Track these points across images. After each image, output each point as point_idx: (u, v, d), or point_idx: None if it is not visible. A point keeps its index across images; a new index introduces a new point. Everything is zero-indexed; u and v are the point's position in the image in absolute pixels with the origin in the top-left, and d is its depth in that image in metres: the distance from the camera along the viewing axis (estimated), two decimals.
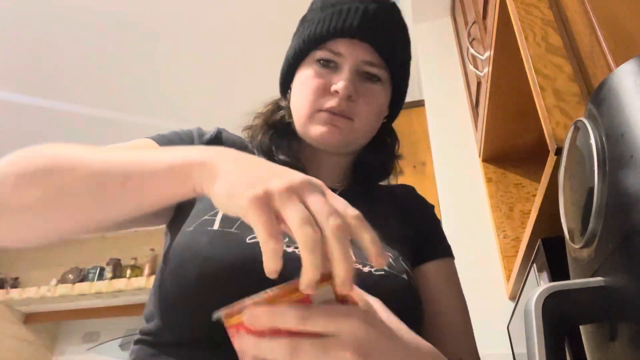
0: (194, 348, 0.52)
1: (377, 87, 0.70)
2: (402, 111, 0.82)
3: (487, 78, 1.30)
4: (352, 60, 0.68)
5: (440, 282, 0.69)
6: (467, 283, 1.55)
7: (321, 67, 0.69)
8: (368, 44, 0.68)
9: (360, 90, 0.68)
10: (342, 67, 0.68)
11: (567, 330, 0.41)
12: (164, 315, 0.55)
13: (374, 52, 0.69)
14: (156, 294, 0.57)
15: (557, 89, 0.77)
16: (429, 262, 0.70)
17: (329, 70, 0.68)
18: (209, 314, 0.49)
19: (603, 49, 0.66)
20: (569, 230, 0.47)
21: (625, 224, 0.36)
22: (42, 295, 3.41)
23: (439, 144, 1.84)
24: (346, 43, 0.68)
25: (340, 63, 0.68)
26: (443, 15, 2.07)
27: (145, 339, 0.57)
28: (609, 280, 0.38)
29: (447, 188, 1.73)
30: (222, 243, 0.55)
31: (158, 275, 0.58)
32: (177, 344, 0.53)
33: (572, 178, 0.47)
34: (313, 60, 0.70)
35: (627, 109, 0.38)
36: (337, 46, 0.68)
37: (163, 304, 0.56)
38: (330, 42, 0.68)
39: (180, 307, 0.53)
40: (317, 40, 0.69)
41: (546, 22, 0.85)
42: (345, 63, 0.68)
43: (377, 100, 0.70)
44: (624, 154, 0.37)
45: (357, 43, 0.68)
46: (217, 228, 0.57)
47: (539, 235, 0.97)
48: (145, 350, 0.55)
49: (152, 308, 0.58)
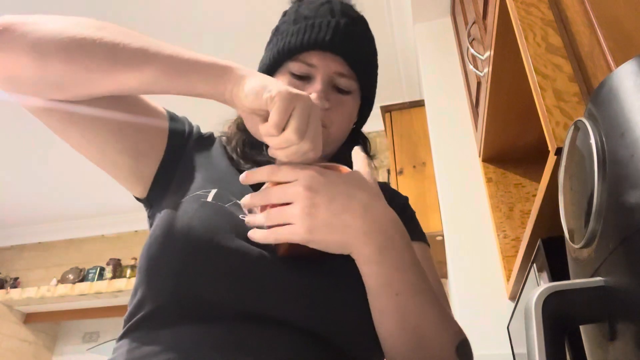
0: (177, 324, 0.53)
1: (348, 98, 0.73)
2: (402, 111, 0.83)
3: (487, 78, 1.30)
4: (325, 72, 0.70)
5: None
6: (467, 283, 1.56)
7: (295, 78, 0.71)
8: (340, 56, 0.71)
9: (332, 101, 0.70)
10: (315, 79, 0.70)
11: (567, 330, 0.41)
12: (149, 280, 0.56)
13: (344, 63, 0.71)
14: (143, 259, 0.58)
15: (557, 89, 0.77)
16: None
17: (302, 82, 0.71)
18: (192, 280, 0.54)
19: (603, 49, 0.66)
20: (569, 230, 0.47)
21: (625, 224, 0.36)
22: (42, 295, 3.41)
23: (439, 144, 1.84)
24: (319, 55, 0.70)
25: (313, 74, 0.71)
26: (443, 15, 2.07)
27: (127, 330, 0.57)
28: (609, 280, 0.38)
29: (447, 188, 1.73)
30: (215, 213, 0.59)
31: (147, 241, 0.59)
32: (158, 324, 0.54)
33: (572, 178, 0.47)
34: (287, 71, 0.72)
35: (627, 109, 0.38)
36: (310, 58, 0.70)
37: (149, 267, 0.56)
38: (304, 54, 0.71)
39: (165, 270, 0.55)
40: (291, 52, 0.71)
41: (546, 22, 0.85)
42: (318, 74, 0.70)
43: (348, 110, 0.73)
44: (624, 154, 0.37)
45: (329, 55, 0.70)
46: (211, 200, 0.61)
47: (539, 235, 0.97)
48: (127, 345, 0.55)
49: (138, 281, 0.59)
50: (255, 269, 0.55)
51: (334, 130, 0.71)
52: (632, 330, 0.35)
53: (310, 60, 0.71)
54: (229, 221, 0.58)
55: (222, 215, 0.59)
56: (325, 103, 0.69)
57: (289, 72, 0.72)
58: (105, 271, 3.49)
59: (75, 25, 0.54)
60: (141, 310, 0.56)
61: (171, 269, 0.54)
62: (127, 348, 0.54)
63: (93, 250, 3.80)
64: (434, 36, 2.07)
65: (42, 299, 3.45)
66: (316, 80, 0.70)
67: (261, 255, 0.56)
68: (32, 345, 3.71)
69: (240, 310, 0.53)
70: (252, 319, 0.53)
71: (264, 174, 0.54)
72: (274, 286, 0.55)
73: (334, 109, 0.70)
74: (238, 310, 0.53)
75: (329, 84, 0.71)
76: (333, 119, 0.70)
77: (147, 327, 0.55)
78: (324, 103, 0.68)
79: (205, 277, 0.54)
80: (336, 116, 0.71)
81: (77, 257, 3.79)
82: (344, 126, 0.73)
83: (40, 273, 3.84)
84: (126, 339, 0.56)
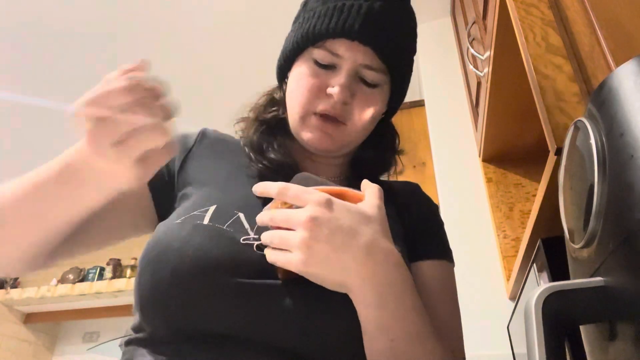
0: (178, 344, 0.52)
1: (374, 91, 0.68)
2: (402, 111, 0.81)
3: (487, 78, 1.30)
4: (351, 64, 0.65)
5: (432, 283, 0.65)
6: (467, 283, 1.56)
7: (318, 66, 0.66)
8: (369, 47, 0.65)
9: (356, 94, 0.66)
10: (339, 69, 0.66)
11: (567, 330, 0.41)
12: (142, 309, 0.55)
13: (374, 56, 0.65)
14: (135, 287, 0.56)
15: (557, 89, 0.77)
16: (422, 262, 0.66)
17: (325, 71, 0.66)
18: (186, 304, 0.52)
19: (603, 49, 0.66)
20: (569, 230, 0.47)
21: (625, 224, 0.36)
22: (42, 295, 3.41)
23: (439, 144, 1.84)
24: (346, 44, 0.65)
25: (338, 64, 0.66)
26: (443, 15, 2.07)
27: (135, 337, 0.56)
28: (609, 280, 0.38)
29: (447, 188, 1.73)
30: (212, 236, 0.55)
31: (139, 266, 0.57)
32: (162, 341, 0.53)
33: (572, 178, 0.47)
34: (310, 57, 0.67)
35: (627, 109, 0.38)
36: (336, 47, 0.65)
37: (140, 297, 0.55)
38: (329, 41, 0.65)
39: (155, 302, 0.53)
40: (316, 38, 0.66)
41: (546, 22, 0.85)
42: (344, 65, 0.65)
43: (373, 104, 0.68)
44: (624, 154, 0.37)
45: (358, 45, 0.65)
46: (207, 223, 0.57)
47: (539, 235, 0.97)
48: (135, 350, 0.55)
49: (134, 303, 0.57)
50: (245, 298, 0.52)
51: (353, 127, 0.67)
52: (632, 330, 0.35)
53: (336, 50, 0.65)
54: (224, 247, 0.54)
55: (217, 241, 0.54)
56: (347, 97, 0.65)
57: (313, 60, 0.67)
58: (105, 271, 3.49)
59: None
60: (140, 332, 0.56)
61: (159, 302, 0.52)
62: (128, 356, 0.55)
63: None
64: (434, 36, 2.07)
65: (42, 299, 3.45)
66: (340, 72, 0.65)
67: (252, 284, 0.52)
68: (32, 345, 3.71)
69: (233, 336, 0.51)
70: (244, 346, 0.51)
71: (273, 191, 0.51)
72: (266, 314, 0.52)
73: (356, 102, 0.66)
74: (229, 337, 0.51)
75: (354, 76, 0.66)
76: (354, 114, 0.66)
77: (146, 345, 0.54)
78: (346, 97, 0.64)
79: (195, 308, 0.51)
80: (358, 111, 0.66)
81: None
82: (365, 122, 0.67)
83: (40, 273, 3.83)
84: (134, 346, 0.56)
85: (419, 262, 0.66)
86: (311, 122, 0.66)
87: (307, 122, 0.67)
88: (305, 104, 0.66)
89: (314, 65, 0.67)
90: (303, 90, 0.67)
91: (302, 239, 0.48)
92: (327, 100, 0.65)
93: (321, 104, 0.66)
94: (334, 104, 0.65)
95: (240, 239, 0.56)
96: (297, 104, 0.67)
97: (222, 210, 0.59)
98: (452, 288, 0.67)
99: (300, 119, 0.67)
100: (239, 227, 0.57)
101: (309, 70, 0.67)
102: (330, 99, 0.65)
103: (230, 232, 0.56)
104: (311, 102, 0.66)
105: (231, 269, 0.52)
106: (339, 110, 0.65)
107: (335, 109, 0.65)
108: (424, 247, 0.68)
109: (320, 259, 0.48)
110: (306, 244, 0.48)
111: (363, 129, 0.68)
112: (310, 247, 0.48)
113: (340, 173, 0.75)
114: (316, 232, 0.48)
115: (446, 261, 0.69)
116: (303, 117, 0.67)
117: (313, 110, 0.66)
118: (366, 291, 0.49)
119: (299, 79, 0.68)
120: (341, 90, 0.64)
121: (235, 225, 0.57)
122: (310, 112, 0.66)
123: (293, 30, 0.72)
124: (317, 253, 0.48)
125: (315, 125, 0.66)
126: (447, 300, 0.65)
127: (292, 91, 0.69)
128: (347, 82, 0.65)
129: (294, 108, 0.68)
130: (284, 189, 0.51)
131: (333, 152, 0.69)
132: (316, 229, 0.48)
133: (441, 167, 1.79)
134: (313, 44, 0.66)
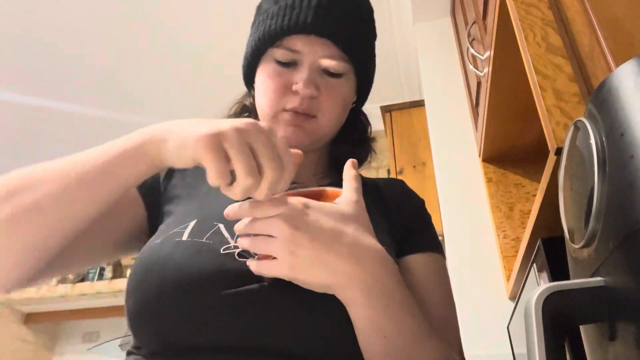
0: (170, 357, 0.52)
1: (339, 81, 0.68)
2: (402, 111, 0.81)
3: (487, 78, 1.30)
4: (311, 58, 0.65)
5: (422, 276, 0.64)
6: (467, 283, 1.56)
7: (280, 65, 0.66)
8: (326, 38, 0.65)
9: (321, 87, 0.66)
10: (301, 65, 0.66)
11: (567, 330, 0.41)
12: (132, 326, 0.55)
13: (333, 46, 0.66)
14: (125, 302, 0.56)
15: (557, 89, 0.77)
16: (411, 255, 0.65)
17: (288, 69, 0.66)
18: (175, 322, 0.51)
19: (603, 49, 0.66)
20: (569, 230, 0.47)
21: (625, 224, 0.36)
22: (42, 295, 3.40)
23: (439, 144, 1.84)
24: (303, 40, 0.65)
25: (299, 60, 0.66)
26: (443, 15, 2.07)
27: (133, 349, 0.57)
28: (609, 280, 0.38)
29: (447, 188, 1.73)
30: (191, 252, 0.54)
31: (127, 285, 0.56)
32: (154, 354, 0.53)
33: (572, 178, 0.47)
34: (271, 58, 0.67)
35: (627, 109, 0.38)
36: (294, 43, 0.65)
37: (129, 314, 0.55)
38: (286, 38, 0.66)
39: (143, 320, 0.53)
40: (273, 37, 0.66)
41: (546, 22, 0.85)
42: (304, 60, 0.65)
43: (340, 94, 0.68)
44: (624, 154, 0.37)
45: (314, 38, 0.65)
46: (187, 239, 0.56)
47: (539, 235, 0.97)
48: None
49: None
50: (233, 309, 0.51)
51: (325, 119, 0.67)
52: (632, 330, 0.35)
53: (294, 46, 0.65)
54: (203, 261, 0.53)
55: (197, 256, 0.54)
56: (313, 91, 0.65)
57: (274, 60, 0.67)
58: (105, 271, 3.49)
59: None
60: (133, 341, 0.57)
61: (147, 322, 0.52)
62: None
63: None
64: (434, 36, 2.07)
65: (42, 299, 3.45)
66: (302, 68, 0.65)
67: (237, 293, 0.52)
68: (32, 345, 3.71)
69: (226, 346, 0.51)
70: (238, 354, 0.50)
71: (245, 211, 0.49)
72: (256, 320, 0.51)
73: (323, 95, 0.66)
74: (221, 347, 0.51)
75: (316, 69, 0.66)
76: (323, 106, 0.66)
77: (144, 355, 0.54)
78: (312, 91, 0.64)
79: (184, 325, 0.51)
80: (326, 103, 0.66)
81: None
82: (336, 112, 0.68)
83: None
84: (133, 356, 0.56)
85: (408, 256, 0.65)
86: (283, 117, 0.67)
87: (278, 119, 0.67)
88: (273, 105, 0.67)
89: (276, 64, 0.67)
90: (269, 92, 0.67)
91: (284, 244, 0.47)
92: (294, 98, 0.66)
93: (289, 102, 0.66)
94: (301, 100, 0.65)
95: (220, 249, 0.55)
96: (266, 106, 0.68)
97: (202, 224, 0.59)
98: (444, 280, 0.66)
99: (271, 118, 0.67)
100: (218, 238, 0.57)
101: (271, 70, 0.67)
102: (297, 95, 0.65)
103: (209, 245, 0.56)
104: (279, 100, 0.66)
105: (214, 282, 0.52)
106: (306, 105, 0.66)
107: (303, 104, 0.65)
108: (413, 241, 0.67)
109: (305, 264, 0.48)
110: (289, 250, 0.47)
111: (335, 120, 0.69)
112: (293, 252, 0.47)
113: (320, 170, 0.75)
114: (297, 238, 0.47)
115: (436, 253, 0.67)
116: (274, 116, 0.67)
117: (283, 107, 0.66)
118: (354, 290, 0.49)
119: (263, 81, 0.68)
120: (305, 85, 0.64)
121: (215, 237, 0.57)
122: (280, 110, 0.67)
123: (251, 35, 0.73)
124: (302, 258, 0.48)
125: (287, 120, 0.66)
126: (439, 292, 0.64)
127: (259, 94, 0.70)
128: (310, 76, 0.65)
129: (264, 110, 0.69)
130: (254, 206, 0.48)
131: (308, 146, 0.68)
132: (297, 233, 0.47)
133: (441, 167, 1.79)
134: (272, 44, 0.67)
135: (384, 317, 0.50)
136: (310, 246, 0.48)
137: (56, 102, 2.86)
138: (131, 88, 2.82)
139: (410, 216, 0.71)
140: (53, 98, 2.83)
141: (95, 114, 2.94)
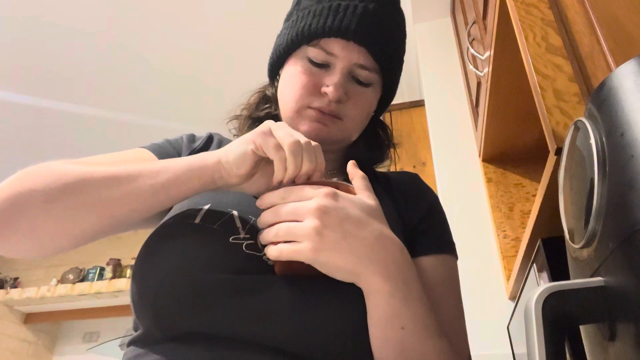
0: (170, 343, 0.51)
1: (367, 90, 0.69)
2: (402, 111, 0.82)
3: (487, 78, 1.30)
4: (345, 63, 0.66)
5: (434, 279, 0.62)
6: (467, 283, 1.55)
7: (312, 64, 0.67)
8: (364, 47, 0.66)
9: (350, 93, 0.67)
10: (334, 68, 0.66)
11: (567, 330, 0.41)
12: (135, 310, 0.55)
13: (368, 55, 0.67)
14: (130, 286, 0.56)
15: (557, 89, 0.77)
16: (424, 257, 0.64)
17: (319, 69, 0.67)
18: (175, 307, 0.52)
19: (603, 49, 0.66)
20: (569, 230, 0.47)
21: (625, 224, 0.36)
22: (42, 295, 3.41)
23: (439, 144, 1.84)
24: (341, 44, 0.66)
25: (332, 63, 0.67)
26: (443, 15, 2.07)
27: (134, 338, 0.57)
28: (609, 280, 0.38)
29: (447, 188, 1.73)
30: (200, 238, 0.55)
31: (133, 268, 0.57)
32: (155, 340, 0.53)
33: (572, 178, 0.47)
34: (305, 55, 0.68)
35: (627, 109, 0.38)
36: (331, 46, 0.66)
37: (132, 298, 0.55)
38: (325, 40, 0.66)
39: (145, 305, 0.53)
40: (311, 36, 0.67)
41: (546, 22, 0.85)
42: (338, 64, 0.66)
43: (367, 102, 0.69)
44: (624, 154, 0.37)
45: (353, 45, 0.66)
46: (199, 222, 0.57)
47: (539, 235, 0.97)
48: (134, 350, 0.55)
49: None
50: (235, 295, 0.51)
51: (349, 123, 0.68)
52: (632, 330, 0.35)
53: (331, 49, 0.66)
54: (210, 246, 0.54)
55: (204, 240, 0.55)
56: (342, 97, 0.66)
57: (307, 58, 0.67)
58: (105, 271, 3.49)
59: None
60: (137, 330, 0.57)
61: (148, 303, 0.52)
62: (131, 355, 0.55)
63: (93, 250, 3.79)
64: (434, 36, 2.07)
65: (42, 299, 3.45)
66: (335, 71, 0.66)
67: (240, 279, 0.52)
68: (32, 345, 3.71)
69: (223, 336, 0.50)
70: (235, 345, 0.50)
71: (276, 198, 0.52)
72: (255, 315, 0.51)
73: (351, 101, 0.67)
74: (220, 337, 0.50)
75: (348, 75, 0.67)
76: (349, 112, 0.67)
77: (143, 344, 0.54)
78: (341, 96, 0.65)
79: (183, 308, 0.51)
80: (352, 109, 0.67)
81: (77, 257, 3.78)
82: (360, 118, 0.69)
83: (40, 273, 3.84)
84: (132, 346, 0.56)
85: (421, 257, 0.64)
86: (307, 113, 0.67)
87: (302, 115, 0.67)
88: (299, 99, 0.67)
89: (308, 63, 0.67)
90: (298, 87, 0.67)
91: (313, 226, 0.48)
92: (321, 99, 0.66)
93: (315, 101, 0.66)
94: (329, 102, 0.66)
95: (229, 238, 0.56)
96: (291, 100, 0.68)
97: (216, 209, 0.59)
98: (455, 283, 0.66)
99: (295, 112, 0.67)
100: (230, 226, 0.57)
101: (303, 68, 0.68)
102: (325, 97, 0.66)
103: (219, 232, 0.56)
104: (305, 98, 0.67)
105: (216, 267, 0.53)
106: (334, 108, 0.66)
107: (330, 106, 0.66)
108: (425, 242, 0.65)
109: (331, 246, 0.48)
110: (317, 231, 0.48)
111: (357, 127, 0.70)
112: (320, 233, 0.48)
113: (334, 168, 0.76)
114: (326, 219, 0.49)
115: (449, 255, 0.67)
116: (298, 110, 0.67)
117: (308, 105, 0.67)
118: (377, 278, 0.50)
119: (292, 76, 0.69)
120: (336, 89, 0.65)
121: (227, 225, 0.57)
122: (306, 106, 0.67)
123: (286, 28, 0.72)
124: (328, 240, 0.48)
125: (312, 116, 0.66)
126: (450, 296, 0.64)
127: (285, 88, 0.70)
128: (341, 81, 0.65)
129: (288, 104, 0.69)
130: (287, 192, 0.52)
131: (328, 144, 0.68)
132: (326, 216, 0.49)
133: (441, 167, 1.79)
134: (308, 42, 0.67)
135: (404, 306, 0.50)
136: (339, 229, 0.49)
137: (56, 102, 2.86)
138: (131, 88, 2.82)
139: (422, 215, 0.69)
140: (53, 98, 2.83)
141: (95, 114, 2.94)
